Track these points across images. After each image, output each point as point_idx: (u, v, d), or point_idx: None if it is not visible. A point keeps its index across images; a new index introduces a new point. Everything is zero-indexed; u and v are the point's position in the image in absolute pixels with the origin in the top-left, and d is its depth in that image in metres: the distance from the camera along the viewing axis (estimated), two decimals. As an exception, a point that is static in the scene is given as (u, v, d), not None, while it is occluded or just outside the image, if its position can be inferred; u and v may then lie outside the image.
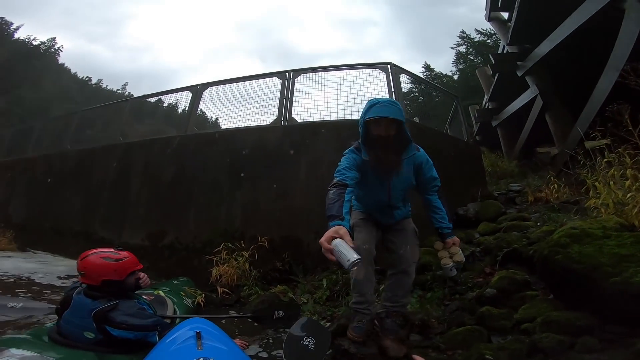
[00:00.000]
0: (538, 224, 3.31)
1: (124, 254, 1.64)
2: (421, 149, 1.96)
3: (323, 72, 4.52)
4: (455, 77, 24.08)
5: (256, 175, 4.06)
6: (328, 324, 2.39)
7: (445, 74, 24.99)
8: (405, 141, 1.84)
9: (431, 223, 2.03)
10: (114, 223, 4.89)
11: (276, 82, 4.53)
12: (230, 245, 3.43)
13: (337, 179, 1.75)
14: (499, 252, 2.76)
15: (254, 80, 4.73)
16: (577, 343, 1.63)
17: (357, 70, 4.41)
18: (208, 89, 5.05)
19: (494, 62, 9.25)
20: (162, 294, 2.36)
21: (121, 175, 5.11)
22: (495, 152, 9.52)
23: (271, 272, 3.43)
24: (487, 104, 11.75)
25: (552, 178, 4.44)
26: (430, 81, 15.26)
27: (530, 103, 8.20)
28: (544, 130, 7.63)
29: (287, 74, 4.54)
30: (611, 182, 2.51)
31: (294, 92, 4.41)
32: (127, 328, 1.46)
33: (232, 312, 2.91)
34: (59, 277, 4.14)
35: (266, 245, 3.39)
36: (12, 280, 3.96)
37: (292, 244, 3.60)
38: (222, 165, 4.28)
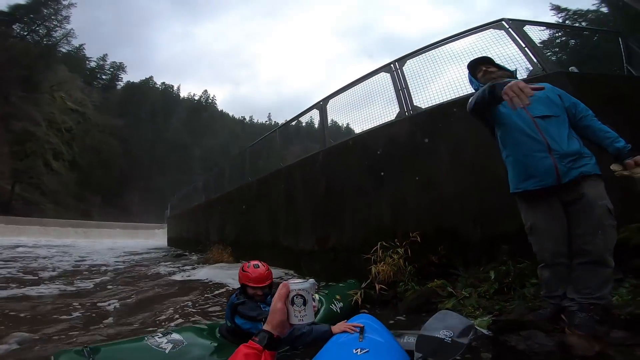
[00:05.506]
0: None
1: (250, 269, 2.10)
2: None
3: (430, 52, 4.12)
4: (604, 9, 16.61)
5: (395, 171, 4.08)
6: (493, 318, 2.20)
7: (587, 10, 17.60)
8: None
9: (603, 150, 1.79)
10: (291, 233, 5.95)
11: (386, 77, 4.47)
12: (384, 243, 3.56)
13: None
14: None
15: (365, 81, 4.80)
16: None
17: (468, 38, 3.83)
18: (329, 102, 5.43)
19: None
20: (317, 297, 2.72)
21: (288, 194, 6.14)
22: None
23: (427, 266, 3.36)
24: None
25: None
26: (570, 23, 11.37)
27: None
28: None
29: (392, 65, 4.42)
30: None
31: (408, 81, 4.22)
32: (242, 316, 1.92)
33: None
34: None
35: (418, 239, 3.37)
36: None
37: (447, 235, 3.43)
38: (363, 169, 4.50)
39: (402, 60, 4.38)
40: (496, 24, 3.74)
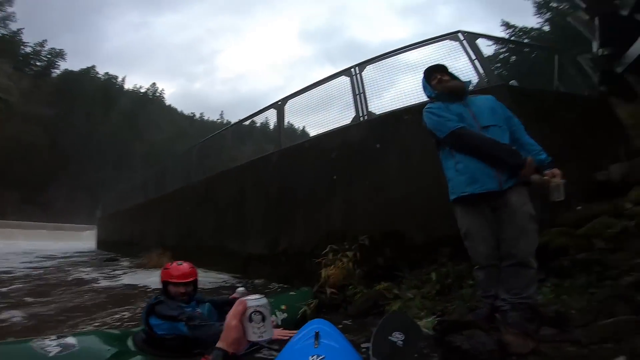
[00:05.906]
0: None
1: (173, 266, 2.01)
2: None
3: (390, 59, 4.32)
4: (546, 28, 19.64)
5: (347, 175, 4.14)
6: (437, 319, 2.27)
7: (531, 28, 20.63)
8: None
9: None
10: (239, 236, 5.69)
11: (346, 81, 4.55)
12: (334, 247, 3.54)
13: (454, 128, 1.94)
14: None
15: (325, 84, 4.84)
16: None
17: (426, 47, 4.08)
18: (288, 103, 5.35)
19: (584, 6, 7.11)
20: None
21: (238, 195, 5.87)
22: (633, 101, 7.33)
23: (375, 269, 3.42)
24: (600, 50, 9.08)
25: None
26: (516, 39, 12.96)
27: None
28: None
29: (352, 70, 4.52)
30: None
31: (366, 86, 4.34)
32: (159, 316, 1.75)
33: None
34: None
35: (366, 243, 3.41)
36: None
37: (393, 238, 3.54)
38: (316, 172, 4.49)
39: (363, 65, 4.49)
40: (452, 35, 4.01)
